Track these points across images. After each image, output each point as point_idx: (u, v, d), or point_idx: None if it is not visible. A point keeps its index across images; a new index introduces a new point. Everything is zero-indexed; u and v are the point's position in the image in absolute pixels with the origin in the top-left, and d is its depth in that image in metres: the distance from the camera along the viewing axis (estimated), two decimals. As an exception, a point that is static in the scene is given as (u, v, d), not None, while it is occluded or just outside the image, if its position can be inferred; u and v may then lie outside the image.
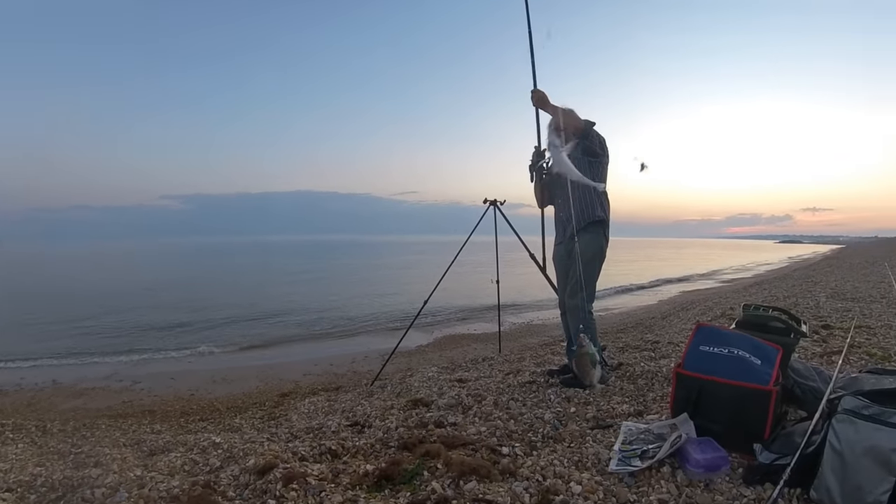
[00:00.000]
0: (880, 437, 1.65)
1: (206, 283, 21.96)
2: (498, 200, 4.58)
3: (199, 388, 5.84)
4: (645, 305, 12.23)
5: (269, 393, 5.25)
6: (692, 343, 2.52)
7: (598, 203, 3.52)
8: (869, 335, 4.67)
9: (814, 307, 6.91)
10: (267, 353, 8.21)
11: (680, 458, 2.10)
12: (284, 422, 3.54)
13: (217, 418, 4.20)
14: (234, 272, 29.67)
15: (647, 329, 6.60)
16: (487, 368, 4.54)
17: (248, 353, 8.29)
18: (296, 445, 2.45)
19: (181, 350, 8.53)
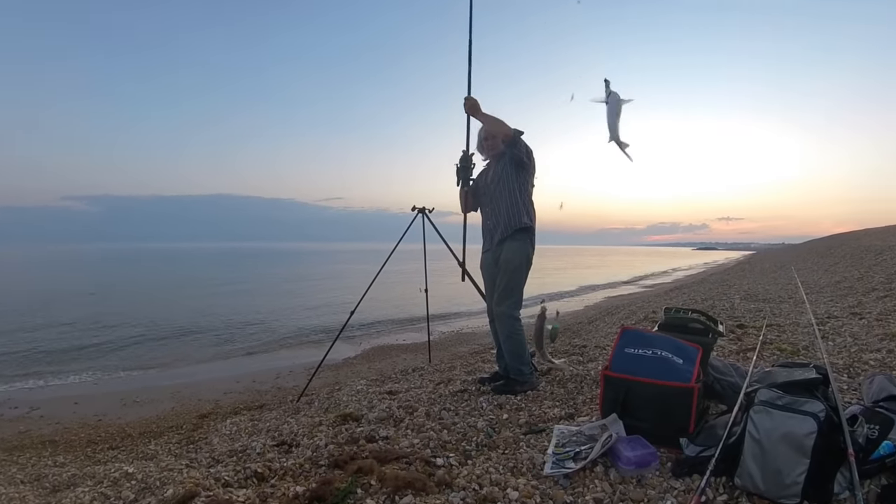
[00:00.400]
0: (793, 424, 1.77)
1: (112, 295, 20.35)
2: (426, 208, 4.58)
3: (108, 412, 5.41)
4: (572, 311, 12.61)
5: (187, 415, 4.93)
6: (618, 346, 2.63)
7: (525, 210, 3.58)
8: (779, 332, 5.03)
9: (729, 308, 7.36)
10: (183, 372, 7.71)
11: (612, 457, 2.17)
12: (205, 445, 3.34)
13: (129, 445, 3.90)
14: (144, 283, 27.79)
15: (575, 334, 6.80)
16: (418, 379, 4.51)
17: (162, 372, 7.74)
18: (218, 470, 2.32)
19: (85, 372, 7.85)
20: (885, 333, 4.51)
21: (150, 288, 23.54)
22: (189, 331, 11.23)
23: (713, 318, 3.11)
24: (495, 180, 3.62)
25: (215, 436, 3.62)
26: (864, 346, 4.15)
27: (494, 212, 3.61)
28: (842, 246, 20.52)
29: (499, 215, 3.58)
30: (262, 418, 3.93)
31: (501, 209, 3.57)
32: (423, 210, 4.57)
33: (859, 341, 4.37)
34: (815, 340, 4.35)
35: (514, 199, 3.56)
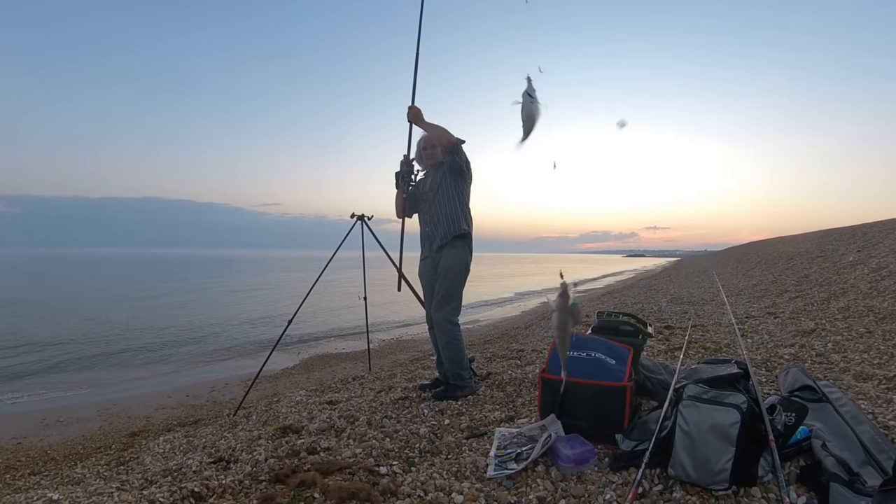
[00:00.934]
0: (719, 415, 1.88)
1: (29, 307, 18.71)
2: (366, 215, 4.55)
3: (28, 434, 4.96)
4: (510, 317, 12.80)
5: (116, 434, 4.61)
6: (554, 349, 2.71)
7: (464, 217, 3.64)
8: (703, 332, 5.32)
9: (657, 311, 7.71)
10: (110, 388, 7.13)
11: (552, 456, 2.22)
12: (136, 466, 3.14)
13: (53, 469, 3.60)
14: (65, 292, 25.68)
15: (513, 339, 6.91)
16: (358, 388, 4.45)
17: (88, 390, 7.12)
18: (152, 492, 2.20)
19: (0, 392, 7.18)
20: (798, 330, 4.86)
21: (71, 298, 21.83)
22: (116, 344, 10.50)
23: (642, 321, 3.26)
24: (434, 188, 3.65)
25: (148, 455, 3.41)
26: (779, 342, 4.45)
27: (433, 219, 3.64)
28: (758, 253, 21.90)
29: (437, 222, 3.61)
30: (198, 434, 3.75)
31: (440, 216, 3.60)
32: (362, 217, 4.53)
33: (775, 338, 4.69)
34: (735, 338, 4.62)
35: (454, 207, 3.61)
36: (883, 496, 1.64)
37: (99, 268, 56.15)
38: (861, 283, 6.70)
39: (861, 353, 3.80)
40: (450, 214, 3.60)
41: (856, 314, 5.12)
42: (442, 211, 3.61)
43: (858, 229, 15.61)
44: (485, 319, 12.31)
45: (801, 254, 13.80)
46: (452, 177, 3.64)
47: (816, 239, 17.61)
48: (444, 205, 3.61)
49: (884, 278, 6.58)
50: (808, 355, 3.93)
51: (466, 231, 3.63)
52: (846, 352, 3.92)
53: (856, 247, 11.10)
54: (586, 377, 2.53)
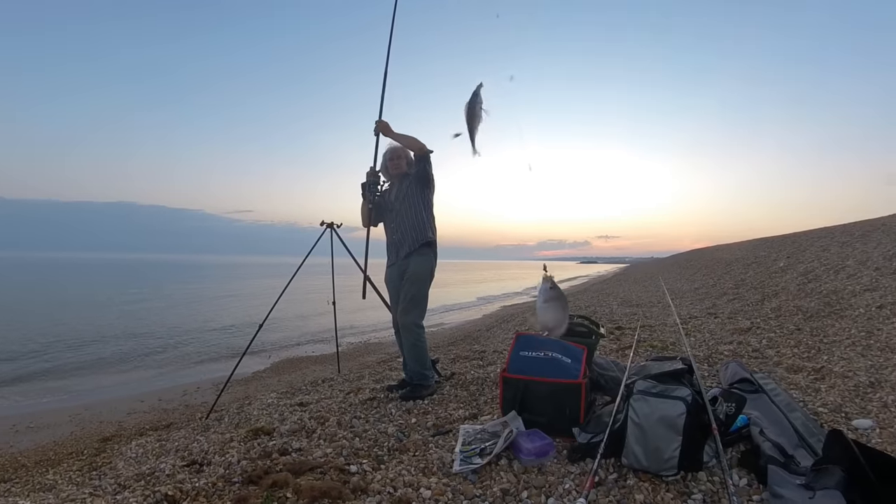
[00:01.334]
0: (667, 407, 1.95)
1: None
2: (335, 223, 4.52)
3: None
4: (472, 320, 12.84)
5: (88, 439, 4.39)
6: (513, 350, 2.77)
7: (429, 226, 3.66)
8: (651, 332, 5.47)
9: (609, 313, 7.88)
10: (82, 393, 6.76)
11: (514, 450, 2.26)
12: (109, 471, 3.01)
13: (24, 477, 3.40)
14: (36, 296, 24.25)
15: (475, 341, 6.95)
16: (328, 389, 4.39)
17: (57, 394, 6.73)
18: (125, 497, 2.12)
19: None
20: (735, 329, 5.05)
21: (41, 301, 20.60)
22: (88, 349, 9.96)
23: (595, 322, 3.35)
24: (400, 198, 3.66)
25: (120, 460, 3.27)
26: (719, 340, 4.62)
27: (400, 228, 3.64)
28: (699, 259, 22.63)
29: (405, 231, 3.62)
30: (170, 438, 3.61)
31: (407, 225, 3.62)
32: (331, 225, 4.50)
33: (715, 336, 4.86)
34: (680, 337, 4.77)
35: (420, 216, 3.63)
36: (815, 474, 1.74)
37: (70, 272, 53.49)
38: (791, 286, 7.01)
39: (792, 348, 3.99)
40: (416, 223, 3.62)
41: (787, 313, 5.36)
42: (408, 220, 3.62)
43: (788, 238, 16.32)
44: (448, 323, 12.32)
45: (737, 260, 14.33)
46: (419, 186, 3.66)
47: (751, 247, 18.31)
48: (410, 214, 3.62)
49: (810, 281, 6.91)
50: (746, 351, 4.10)
51: (432, 239, 3.65)
52: (779, 347, 4.10)
53: (786, 253, 11.59)
54: (544, 375, 2.58)
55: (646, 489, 1.88)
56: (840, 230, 12.49)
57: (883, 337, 3.72)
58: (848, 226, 13.10)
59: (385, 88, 3.65)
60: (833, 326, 4.41)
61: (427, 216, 3.67)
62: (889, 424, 2.34)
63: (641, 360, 3.53)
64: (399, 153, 3.75)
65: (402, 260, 3.65)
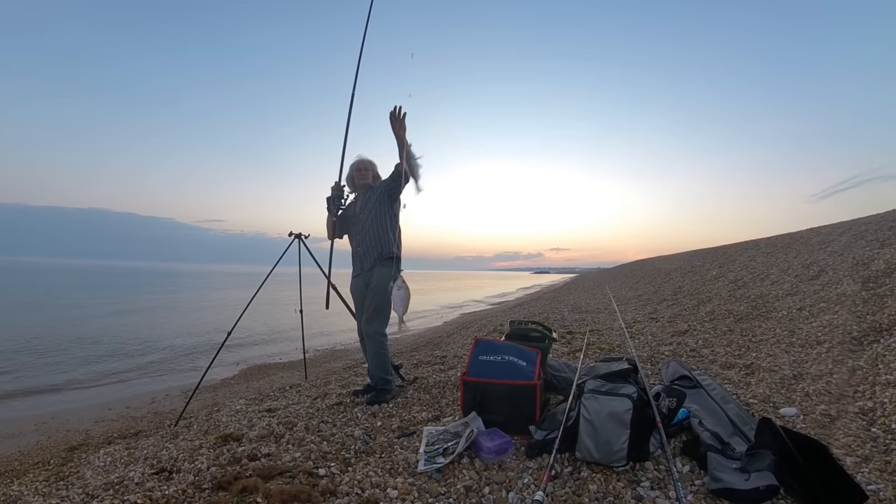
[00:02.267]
0: (615, 404, 1.98)
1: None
2: (303, 234, 4.42)
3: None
4: (433, 327, 12.78)
5: (54, 448, 4.08)
6: (473, 354, 2.77)
7: (394, 240, 3.59)
8: (599, 336, 5.56)
9: (560, 319, 7.97)
10: (47, 401, 6.28)
11: (475, 449, 2.25)
12: (76, 480, 2.82)
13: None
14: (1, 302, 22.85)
15: (436, 346, 6.91)
16: (296, 395, 4.27)
17: (21, 402, 6.22)
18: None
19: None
20: (675, 331, 5.18)
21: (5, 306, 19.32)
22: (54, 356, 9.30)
23: (548, 328, 3.38)
24: (366, 210, 3.58)
25: (88, 469, 3.07)
26: (660, 342, 4.73)
27: (364, 240, 3.56)
28: (642, 269, 23.24)
29: (370, 244, 3.56)
30: (139, 446, 3.42)
31: (372, 238, 3.56)
32: (299, 236, 4.40)
33: (657, 338, 4.98)
34: (625, 340, 4.86)
35: (384, 229, 3.57)
36: (749, 458, 1.80)
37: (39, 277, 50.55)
38: (723, 292, 7.25)
39: (725, 347, 4.11)
40: (381, 237, 3.55)
41: (719, 316, 5.53)
42: (374, 232, 3.55)
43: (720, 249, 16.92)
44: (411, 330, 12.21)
45: (675, 269, 14.78)
46: (388, 200, 3.59)
47: (687, 257, 18.93)
48: (375, 227, 3.55)
49: (739, 288, 7.16)
50: (684, 351, 4.21)
51: (396, 254, 3.58)
52: (713, 346, 4.23)
53: (718, 263, 12.01)
54: (502, 378, 2.59)
55: (598, 480, 1.90)
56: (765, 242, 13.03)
57: (803, 335, 3.88)
58: (772, 238, 13.68)
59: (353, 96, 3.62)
60: (760, 327, 4.57)
61: (393, 230, 3.60)
62: (811, 411, 2.44)
63: (591, 362, 3.57)
64: (367, 166, 3.70)
65: (367, 271, 3.58)
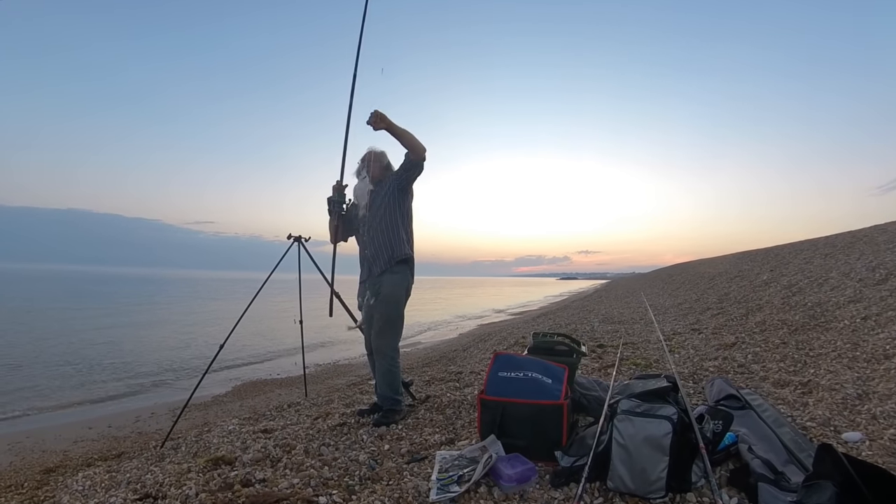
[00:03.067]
0: (652, 427, 1.96)
1: None
2: (303, 236, 4.43)
3: None
4: (447, 339, 12.78)
5: (28, 470, 4.13)
6: (492, 370, 2.76)
7: (406, 240, 3.53)
8: (633, 349, 5.51)
9: (590, 331, 7.93)
10: (21, 419, 6.34)
11: (494, 476, 2.23)
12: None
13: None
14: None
15: (451, 361, 6.91)
16: (294, 415, 4.29)
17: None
18: (66, 536, 2.02)
19: None
20: (720, 344, 5.12)
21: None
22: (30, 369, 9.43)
23: (576, 340, 3.36)
24: (373, 208, 3.55)
25: (65, 493, 3.10)
26: (703, 356, 4.68)
27: (374, 242, 3.52)
28: (682, 273, 23.01)
29: (379, 246, 3.49)
30: (121, 469, 3.45)
31: (382, 240, 3.49)
32: (299, 238, 4.41)
33: (700, 352, 4.92)
34: (664, 354, 4.82)
35: (396, 228, 3.51)
36: (806, 491, 1.75)
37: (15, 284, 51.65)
38: (775, 300, 7.15)
39: (778, 363, 4.05)
40: (392, 238, 3.49)
41: (771, 327, 5.45)
42: (383, 234, 3.49)
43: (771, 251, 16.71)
44: (423, 343, 12.24)
45: (720, 274, 14.60)
46: (400, 195, 3.52)
47: (734, 260, 18.70)
48: (386, 227, 3.49)
49: (794, 294, 7.06)
50: (731, 367, 4.15)
51: (409, 255, 3.53)
52: (764, 362, 4.16)
53: (769, 267, 11.85)
54: (524, 397, 2.57)
55: (633, 513, 1.87)
56: (823, 242, 12.84)
57: (869, 348, 3.80)
58: (831, 238, 13.47)
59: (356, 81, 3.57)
60: (818, 339, 4.49)
61: (405, 229, 3.55)
62: (879, 436, 2.38)
63: (625, 379, 3.54)
64: (379, 158, 3.65)
65: (376, 277, 3.52)
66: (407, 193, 3.57)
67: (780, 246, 18.02)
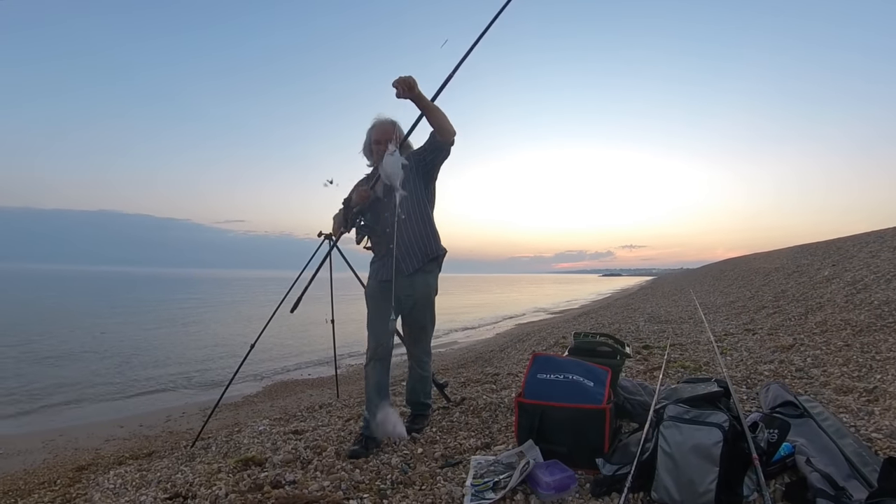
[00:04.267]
0: (701, 435, 1.91)
1: None
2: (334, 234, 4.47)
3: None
4: (483, 339, 12.80)
5: (61, 467, 4.37)
6: (530, 372, 2.74)
7: (436, 235, 3.29)
8: (682, 351, 5.40)
9: (634, 331, 7.81)
10: (55, 417, 6.77)
11: (531, 483, 2.22)
12: (84, 503, 3.02)
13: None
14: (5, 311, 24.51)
15: (487, 362, 6.91)
16: (326, 416, 4.36)
17: (28, 418, 6.76)
18: (99, 534, 2.11)
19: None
20: (776, 346, 4.98)
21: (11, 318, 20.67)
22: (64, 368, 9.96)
23: (620, 341, 3.31)
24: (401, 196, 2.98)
25: (97, 491, 3.25)
26: (758, 359, 4.55)
27: (405, 236, 3.14)
28: (734, 269, 22.47)
29: (410, 241, 3.16)
30: (152, 468, 3.59)
31: (413, 234, 3.16)
32: (330, 236, 4.46)
33: (754, 354, 4.79)
34: (714, 356, 4.71)
35: (426, 221, 3.23)
36: (869, 510, 1.69)
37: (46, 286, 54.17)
38: (837, 297, 6.92)
39: (840, 367, 3.91)
40: (423, 232, 3.20)
41: (833, 328, 5.27)
42: (414, 227, 3.17)
43: (832, 244, 16.17)
44: (459, 343, 12.29)
45: (776, 269, 14.20)
46: (424, 181, 3.22)
47: (791, 254, 18.17)
48: (418, 217, 3.18)
49: (859, 291, 6.81)
50: (788, 371, 4.03)
51: (442, 252, 3.30)
52: (826, 366, 4.03)
53: (830, 261, 11.48)
54: (564, 400, 2.55)
55: (679, 527, 1.83)
56: (892, 234, 12.35)
57: (943, 353, 3.64)
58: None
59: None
60: (886, 341, 4.34)
61: (432, 220, 3.28)
62: (953, 451, 2.28)
63: (672, 383, 3.48)
64: (388, 130, 3.13)
65: (406, 277, 3.14)
66: (432, 179, 3.27)
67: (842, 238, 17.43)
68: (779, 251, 24.96)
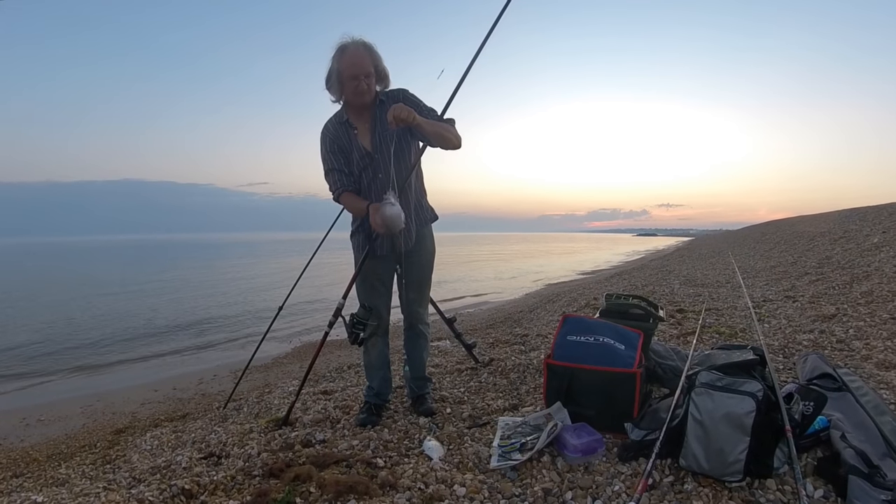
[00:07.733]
0: (733, 403, 1.92)
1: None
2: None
3: (7, 434, 5.03)
4: (512, 300, 12.86)
5: (101, 431, 4.67)
6: (560, 334, 2.76)
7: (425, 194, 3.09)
8: (717, 316, 5.36)
9: (669, 294, 7.75)
10: (93, 383, 7.23)
11: (558, 446, 2.27)
12: (123, 464, 3.17)
13: (36, 471, 3.60)
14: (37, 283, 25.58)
15: (516, 323, 6.97)
16: (354, 376, 4.49)
17: (67, 383, 7.27)
18: (141, 491, 2.23)
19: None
20: (817, 315, 4.90)
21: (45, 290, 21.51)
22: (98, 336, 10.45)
23: (653, 304, 3.30)
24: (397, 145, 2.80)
25: (135, 452, 3.45)
26: (797, 328, 4.50)
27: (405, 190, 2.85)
28: (777, 232, 21.94)
29: (409, 199, 2.89)
30: (186, 429, 3.79)
31: (410, 192, 2.91)
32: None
33: (793, 323, 4.73)
34: (751, 323, 4.66)
35: (420, 181, 3.04)
36: (904, 490, 1.69)
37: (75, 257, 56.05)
38: (886, 267, 6.74)
39: (885, 341, 3.84)
40: (419, 191, 3.02)
41: (880, 299, 5.16)
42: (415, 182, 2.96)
43: (884, 209, 15.62)
44: (487, 304, 12.37)
45: (822, 234, 13.84)
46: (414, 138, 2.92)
47: (839, 219, 17.65)
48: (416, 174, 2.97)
49: (910, 260, 6.63)
50: (829, 342, 3.97)
51: (436, 216, 3.12)
52: (869, 339, 3.96)
53: (881, 227, 11.13)
54: (594, 363, 2.57)
55: (706, 495, 1.86)
56: (949, 200, 11.88)
57: None
58: (959, 195, 12.47)
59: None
60: (935, 315, 4.23)
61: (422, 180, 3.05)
62: None
63: (706, 349, 3.47)
64: (364, 61, 2.68)
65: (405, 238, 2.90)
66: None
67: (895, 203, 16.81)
68: (826, 214, 24.24)
